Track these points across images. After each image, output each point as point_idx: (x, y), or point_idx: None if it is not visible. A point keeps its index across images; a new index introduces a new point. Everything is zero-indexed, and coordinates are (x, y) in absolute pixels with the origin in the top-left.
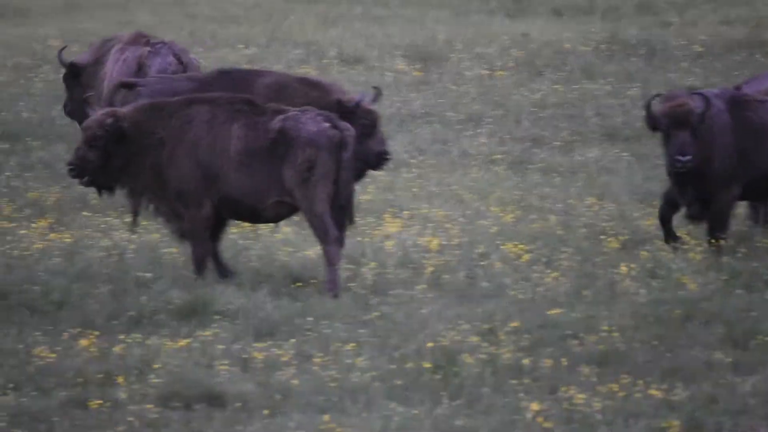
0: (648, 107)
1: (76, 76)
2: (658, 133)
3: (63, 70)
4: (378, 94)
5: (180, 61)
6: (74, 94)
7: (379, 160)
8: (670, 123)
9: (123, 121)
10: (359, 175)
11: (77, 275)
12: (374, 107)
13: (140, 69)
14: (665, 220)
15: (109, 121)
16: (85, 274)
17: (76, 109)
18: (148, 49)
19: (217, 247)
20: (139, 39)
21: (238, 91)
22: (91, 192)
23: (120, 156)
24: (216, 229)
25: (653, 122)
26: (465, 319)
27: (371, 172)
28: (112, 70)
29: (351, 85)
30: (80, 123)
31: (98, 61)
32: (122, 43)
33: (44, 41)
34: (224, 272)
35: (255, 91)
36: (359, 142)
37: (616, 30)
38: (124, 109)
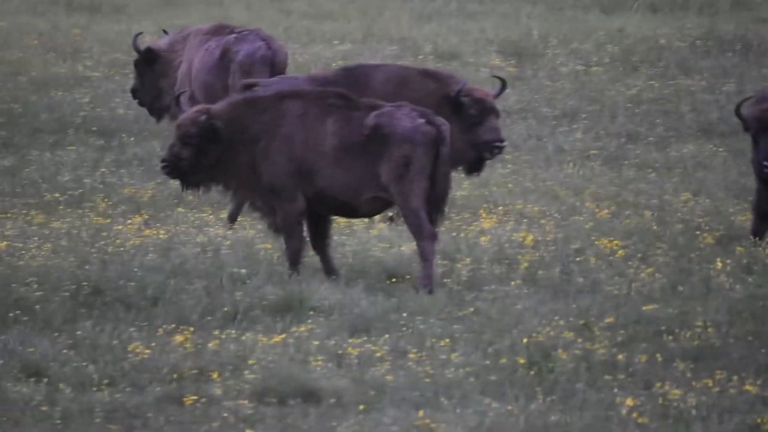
0: (738, 110)
1: (151, 63)
2: None
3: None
4: (503, 85)
5: (269, 47)
6: (147, 81)
7: (489, 149)
8: (759, 127)
9: (216, 119)
10: (475, 164)
11: (172, 271)
12: (485, 96)
13: (225, 56)
14: (761, 216)
15: (203, 118)
16: (180, 270)
17: (146, 95)
18: (234, 35)
19: (326, 243)
20: (222, 29)
21: (359, 87)
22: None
23: (213, 153)
24: (320, 225)
25: (744, 124)
26: (560, 314)
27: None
28: (194, 60)
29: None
30: (150, 110)
31: (174, 49)
32: (203, 33)
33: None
34: (330, 270)
35: (375, 85)
36: (469, 131)
37: (712, 25)
38: (217, 106)
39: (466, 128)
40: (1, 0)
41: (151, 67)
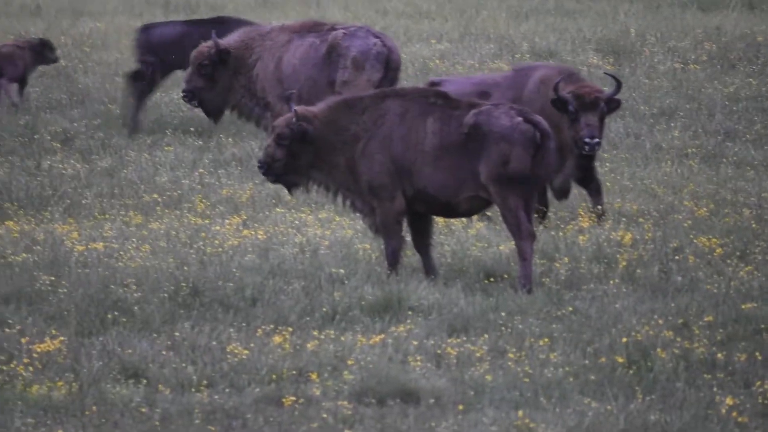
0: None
1: (223, 62)
2: None
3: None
4: (618, 85)
5: (384, 44)
6: (217, 80)
7: (585, 146)
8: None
9: (309, 121)
10: (581, 163)
11: (271, 272)
12: (585, 92)
13: (333, 52)
14: None
15: (295, 119)
16: (279, 270)
17: (213, 95)
18: (342, 31)
19: (427, 243)
20: (318, 25)
21: (521, 88)
22: (284, 189)
23: (307, 154)
24: (422, 225)
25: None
26: (658, 313)
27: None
28: (285, 57)
29: None
30: (210, 110)
31: (248, 47)
32: (293, 30)
33: None
34: (430, 270)
35: (530, 86)
36: (569, 127)
37: None
38: (316, 107)
39: (567, 124)
40: (99, 1)
41: (222, 65)
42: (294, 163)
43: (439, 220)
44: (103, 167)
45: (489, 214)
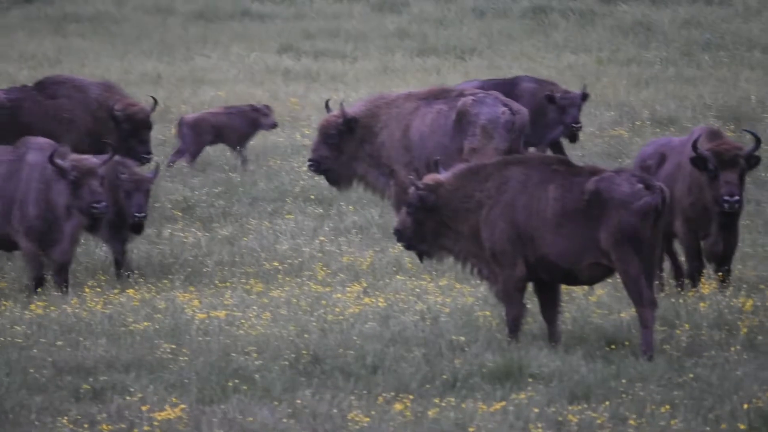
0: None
1: (351, 131)
2: None
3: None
4: (757, 141)
5: (512, 111)
6: (343, 149)
7: (724, 203)
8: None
9: (439, 188)
10: (723, 222)
11: (392, 339)
12: (721, 150)
13: (462, 119)
14: None
15: (423, 187)
16: (400, 337)
17: (339, 164)
18: (472, 98)
19: (554, 311)
20: (444, 92)
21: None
22: (405, 256)
23: (432, 221)
24: (550, 293)
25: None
26: None
27: None
28: (413, 124)
29: None
30: (336, 180)
31: (374, 115)
32: (420, 97)
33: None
34: (554, 337)
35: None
36: (707, 186)
37: None
38: (443, 175)
39: (707, 182)
40: (220, 69)
41: (349, 134)
42: (422, 230)
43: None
44: (224, 235)
45: (610, 280)
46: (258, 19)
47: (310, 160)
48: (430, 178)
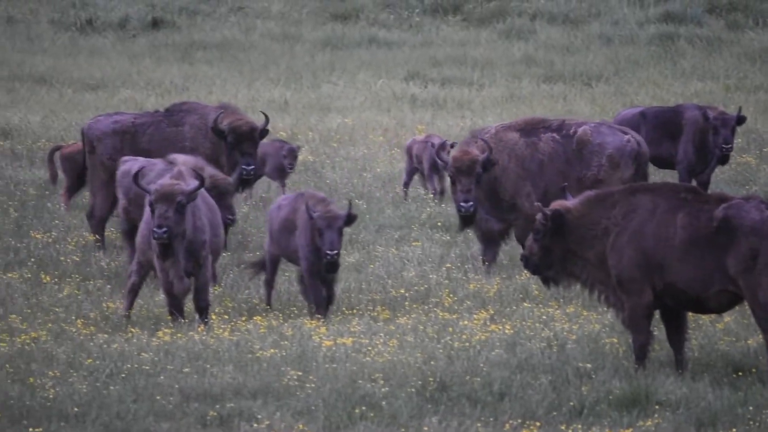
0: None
1: (486, 169)
2: None
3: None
4: None
5: (636, 140)
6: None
7: None
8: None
9: (566, 215)
10: None
11: (518, 366)
12: None
13: (583, 148)
14: None
15: (551, 214)
16: (526, 364)
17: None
18: (590, 127)
19: (681, 338)
20: (545, 121)
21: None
22: (533, 282)
23: (559, 248)
24: (677, 320)
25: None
26: None
27: None
28: (539, 154)
29: None
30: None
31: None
32: (520, 128)
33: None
34: (681, 364)
35: None
36: None
37: None
38: (570, 202)
39: None
40: (346, 96)
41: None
42: (549, 256)
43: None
44: (351, 262)
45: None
46: (385, 46)
47: (469, 202)
48: (557, 205)
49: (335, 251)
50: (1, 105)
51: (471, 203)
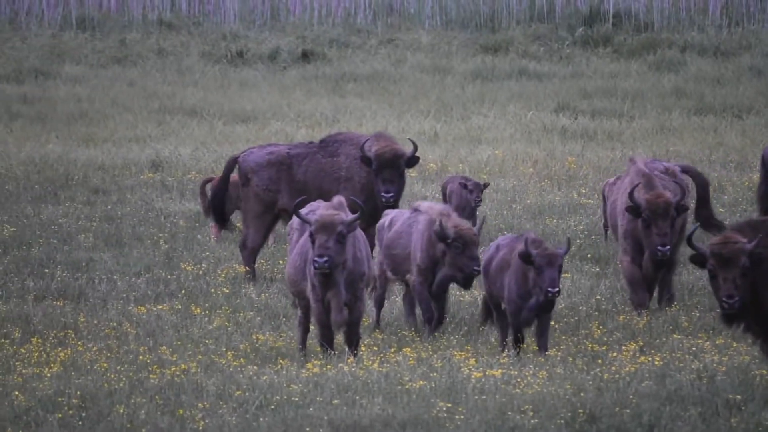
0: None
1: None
2: None
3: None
4: None
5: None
6: None
7: None
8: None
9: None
10: None
11: (668, 398)
12: None
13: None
14: None
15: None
16: (676, 396)
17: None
18: (678, 167)
19: None
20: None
21: None
22: (682, 314)
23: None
24: None
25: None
26: None
27: None
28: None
29: None
30: None
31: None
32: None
33: None
34: None
35: None
36: None
37: None
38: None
39: None
40: (496, 128)
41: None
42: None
43: None
44: None
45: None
46: (535, 78)
47: (666, 246)
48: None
49: (556, 289)
50: (152, 137)
51: (668, 247)
